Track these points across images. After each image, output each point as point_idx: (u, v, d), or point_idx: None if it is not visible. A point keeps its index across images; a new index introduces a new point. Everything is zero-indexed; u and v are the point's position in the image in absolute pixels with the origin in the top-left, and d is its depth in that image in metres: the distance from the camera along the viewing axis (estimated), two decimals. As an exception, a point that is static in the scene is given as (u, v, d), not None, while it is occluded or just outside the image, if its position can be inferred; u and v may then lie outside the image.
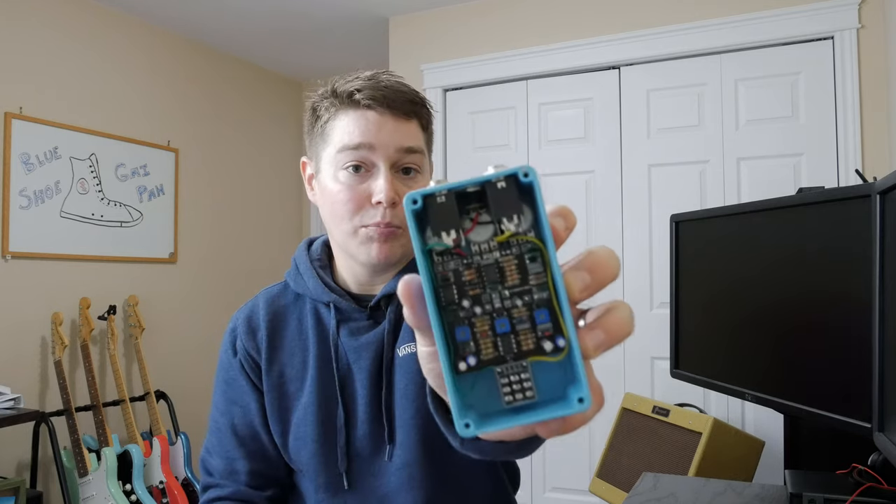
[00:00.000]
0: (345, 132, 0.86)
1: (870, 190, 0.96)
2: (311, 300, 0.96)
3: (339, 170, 0.87)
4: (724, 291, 1.42)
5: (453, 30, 3.33)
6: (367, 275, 0.92)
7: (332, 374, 0.92)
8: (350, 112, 0.87)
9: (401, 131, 0.87)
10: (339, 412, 0.91)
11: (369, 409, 0.91)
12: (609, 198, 3.00)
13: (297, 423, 0.92)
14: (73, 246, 3.15)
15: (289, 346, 0.95)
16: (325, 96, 0.91)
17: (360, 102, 0.86)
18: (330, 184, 0.88)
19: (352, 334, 0.93)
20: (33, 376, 3.00)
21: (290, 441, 0.93)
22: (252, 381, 0.97)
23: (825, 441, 1.46)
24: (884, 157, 2.54)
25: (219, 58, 3.98)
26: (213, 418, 1.00)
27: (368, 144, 0.85)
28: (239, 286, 3.98)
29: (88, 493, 2.86)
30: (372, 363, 0.91)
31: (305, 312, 0.96)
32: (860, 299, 1.00)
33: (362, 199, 0.86)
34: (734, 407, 2.68)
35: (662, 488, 1.35)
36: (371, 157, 0.85)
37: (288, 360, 0.95)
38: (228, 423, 0.97)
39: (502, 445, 0.56)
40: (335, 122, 0.88)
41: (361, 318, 0.93)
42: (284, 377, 0.94)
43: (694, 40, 2.83)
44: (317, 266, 0.96)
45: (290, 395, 0.94)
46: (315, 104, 0.92)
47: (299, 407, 0.93)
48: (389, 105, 0.86)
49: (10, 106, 2.92)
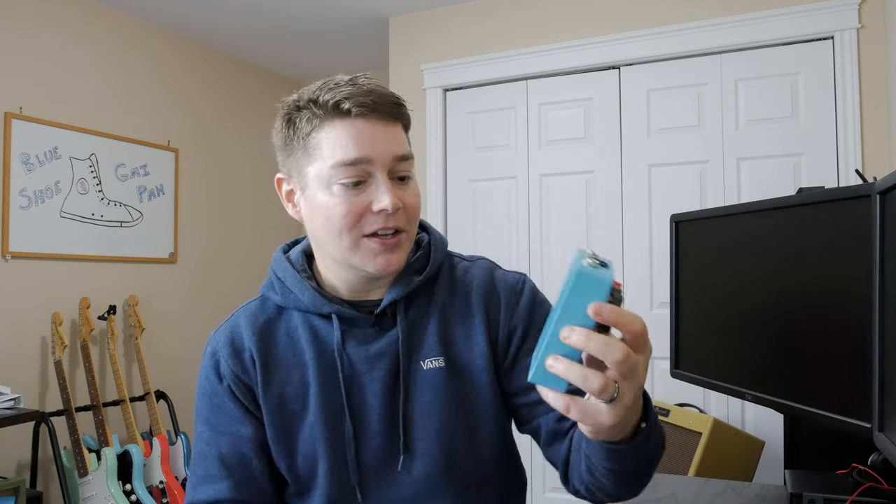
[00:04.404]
0: (337, 146, 0.83)
1: (870, 190, 0.96)
2: (301, 312, 0.93)
3: (333, 184, 0.84)
4: (724, 292, 1.42)
5: (453, 30, 3.33)
6: (363, 283, 0.91)
7: (338, 387, 0.90)
8: (337, 123, 0.84)
9: (391, 138, 0.86)
10: (347, 425, 0.89)
11: (384, 420, 0.89)
12: (609, 198, 3.00)
13: (304, 442, 0.90)
14: (73, 246, 3.15)
15: (283, 364, 0.92)
16: (303, 106, 0.86)
17: (351, 112, 0.83)
18: (323, 198, 0.85)
19: (360, 343, 0.90)
20: (33, 376, 3.00)
21: (299, 461, 0.91)
22: (244, 406, 0.92)
23: (825, 441, 1.46)
24: (884, 157, 2.53)
25: (219, 58, 3.98)
26: (197, 448, 0.95)
27: (366, 158, 0.83)
28: (239, 286, 3.98)
29: (88, 493, 2.86)
30: (387, 372, 0.90)
31: (294, 326, 0.93)
32: (860, 299, 1.00)
33: (361, 209, 0.84)
34: (734, 407, 2.68)
35: (662, 488, 1.35)
36: (368, 169, 0.84)
37: (286, 380, 0.91)
38: (215, 454, 0.92)
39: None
40: (320, 135, 0.85)
41: (367, 326, 0.91)
42: (285, 397, 0.91)
43: (694, 40, 2.83)
44: (304, 277, 0.93)
45: (294, 416, 0.91)
46: (290, 115, 0.88)
47: (305, 426, 0.90)
48: (378, 111, 0.84)
49: (10, 106, 2.92)
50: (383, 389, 0.89)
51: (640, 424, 0.70)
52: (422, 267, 0.95)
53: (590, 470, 0.79)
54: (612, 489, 0.80)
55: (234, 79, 4.08)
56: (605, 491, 0.81)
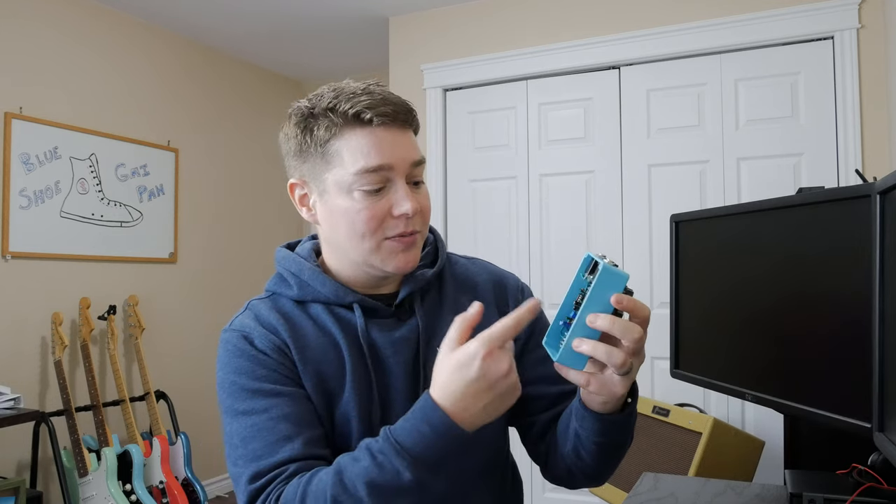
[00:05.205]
0: (359, 153, 0.87)
1: (870, 190, 0.96)
2: (321, 304, 0.95)
3: (354, 190, 0.88)
4: (724, 291, 1.42)
5: (453, 30, 3.33)
6: (376, 280, 0.95)
7: (367, 370, 0.92)
8: (358, 131, 0.87)
9: (407, 145, 0.90)
10: (375, 405, 0.91)
11: (408, 403, 0.90)
12: (609, 198, 3.00)
13: (340, 420, 0.91)
14: (73, 246, 3.15)
15: (316, 344, 0.92)
16: (320, 114, 0.89)
17: (373, 121, 0.87)
18: (344, 203, 0.89)
19: (383, 330, 0.94)
20: (33, 376, 3.00)
21: (336, 437, 0.91)
22: (294, 372, 0.90)
23: (825, 441, 1.46)
24: (884, 157, 2.54)
25: (219, 58, 3.98)
26: (245, 426, 0.86)
27: (388, 165, 0.87)
28: (239, 286, 3.98)
29: (88, 493, 2.86)
30: (411, 357, 0.94)
31: (317, 313, 0.94)
32: (860, 299, 1.00)
33: (383, 214, 0.88)
34: (734, 407, 2.68)
35: (662, 488, 1.35)
36: (389, 175, 0.88)
37: (322, 358, 0.92)
38: (278, 415, 0.85)
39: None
40: (340, 143, 0.88)
41: (387, 316, 0.95)
42: (323, 375, 0.91)
43: (694, 40, 2.83)
44: (320, 272, 0.96)
45: (332, 393, 0.91)
46: (306, 123, 0.90)
47: (341, 404, 0.91)
48: (397, 119, 0.89)
49: (10, 106, 2.92)
50: (407, 373, 0.93)
51: (626, 400, 0.85)
52: (432, 262, 1.01)
53: (576, 450, 0.90)
54: (593, 467, 0.91)
55: (234, 79, 4.09)
56: (586, 471, 0.93)
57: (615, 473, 2.14)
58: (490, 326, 0.73)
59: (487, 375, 0.72)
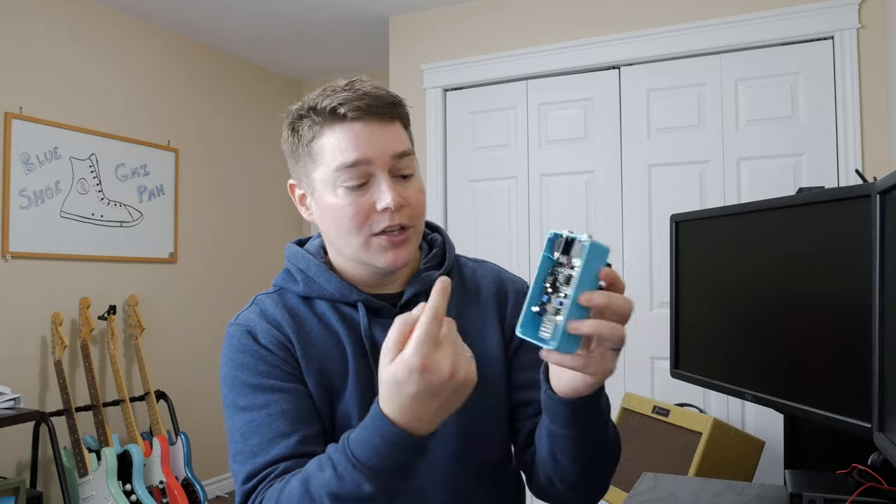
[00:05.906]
0: (337, 150, 0.87)
1: (870, 190, 0.96)
2: (326, 301, 0.95)
3: (337, 187, 0.88)
4: (724, 291, 1.42)
5: (453, 30, 3.33)
6: (377, 278, 0.95)
7: (369, 369, 0.92)
8: (336, 127, 0.88)
9: (389, 137, 0.89)
10: None
11: None
12: (609, 198, 3.00)
13: (341, 418, 0.91)
14: (73, 246, 3.15)
15: (320, 340, 0.93)
16: (304, 114, 0.90)
17: (347, 116, 0.87)
18: (331, 200, 0.89)
19: (386, 330, 0.93)
20: (33, 376, 3.00)
21: (336, 436, 0.90)
22: (296, 368, 0.90)
23: (825, 441, 1.46)
24: (884, 157, 2.54)
25: (219, 58, 3.98)
26: (244, 422, 0.87)
27: (365, 160, 0.87)
28: (239, 286, 3.98)
29: (88, 493, 2.86)
30: None
31: (322, 311, 0.95)
32: (860, 299, 1.00)
33: (367, 210, 0.88)
34: (734, 407, 2.68)
35: (662, 488, 1.35)
36: (369, 169, 0.88)
37: (325, 355, 0.92)
38: (276, 412, 0.86)
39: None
40: (322, 140, 0.89)
41: (390, 316, 0.94)
42: (326, 372, 0.91)
43: (694, 40, 2.83)
44: (327, 269, 0.96)
45: (334, 391, 0.91)
46: (294, 124, 0.92)
47: (343, 402, 0.91)
48: (373, 112, 0.88)
49: (10, 106, 2.92)
50: None
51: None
52: (439, 263, 1.01)
53: (552, 452, 0.85)
54: (571, 473, 0.86)
55: (234, 79, 4.09)
56: (565, 479, 0.87)
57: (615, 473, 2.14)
58: (416, 325, 0.68)
59: (430, 387, 0.67)
